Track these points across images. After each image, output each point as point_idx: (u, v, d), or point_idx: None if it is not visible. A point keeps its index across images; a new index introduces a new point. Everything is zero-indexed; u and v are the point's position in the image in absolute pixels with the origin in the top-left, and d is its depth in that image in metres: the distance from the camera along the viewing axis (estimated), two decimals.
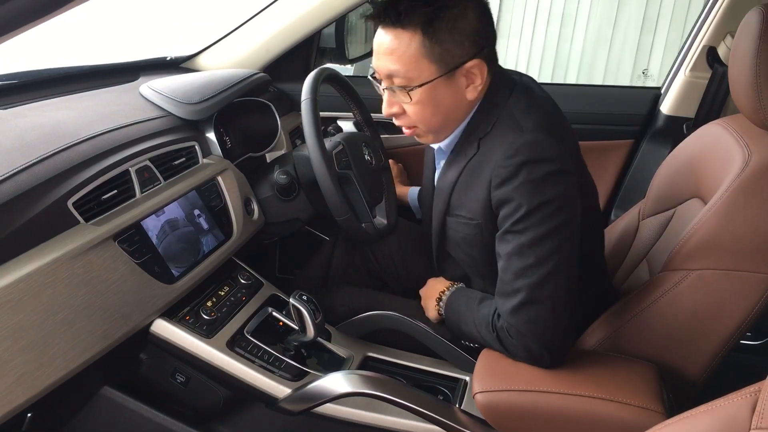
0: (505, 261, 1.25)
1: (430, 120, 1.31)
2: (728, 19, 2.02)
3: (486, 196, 1.27)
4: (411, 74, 1.25)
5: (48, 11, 0.77)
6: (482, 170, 1.29)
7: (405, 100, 1.29)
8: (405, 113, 1.32)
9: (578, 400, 1.19)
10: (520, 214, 1.21)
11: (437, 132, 1.35)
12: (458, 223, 1.37)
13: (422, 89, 1.26)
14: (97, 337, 1.20)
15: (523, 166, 1.21)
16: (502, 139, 1.26)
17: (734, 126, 1.43)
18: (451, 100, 1.30)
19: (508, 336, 1.25)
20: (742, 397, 0.72)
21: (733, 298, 1.27)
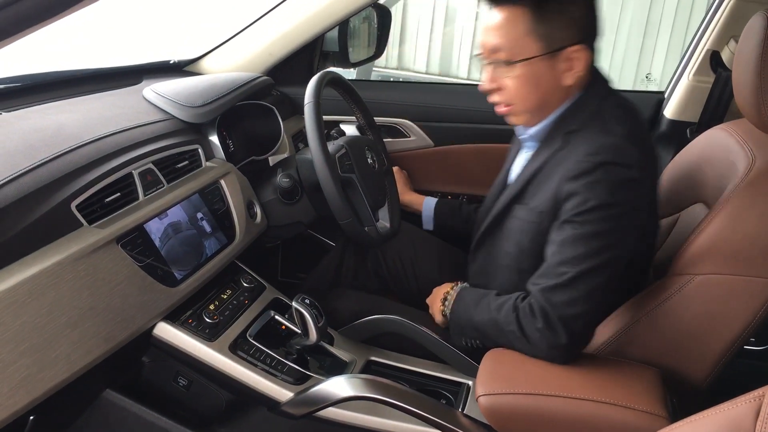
0: (556, 246, 1.27)
1: (526, 98, 1.34)
2: (732, 23, 2.02)
3: (556, 188, 1.30)
4: (515, 50, 1.29)
5: (51, 15, 0.77)
6: (562, 164, 1.31)
7: (506, 75, 1.32)
8: (503, 89, 1.34)
9: (582, 404, 1.19)
10: (584, 208, 1.24)
11: (531, 113, 1.37)
12: (524, 209, 1.39)
13: (523, 65, 1.30)
14: (100, 340, 1.19)
15: (601, 165, 1.24)
16: (589, 138, 1.29)
17: (738, 130, 1.43)
18: (549, 82, 1.33)
19: (529, 314, 1.26)
20: (745, 402, 0.72)
21: (737, 302, 1.27)
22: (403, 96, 2.30)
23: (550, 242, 1.30)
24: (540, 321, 1.25)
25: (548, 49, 1.30)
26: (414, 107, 2.23)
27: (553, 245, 1.29)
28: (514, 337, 1.29)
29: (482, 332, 1.38)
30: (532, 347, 1.28)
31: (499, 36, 1.30)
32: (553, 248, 1.28)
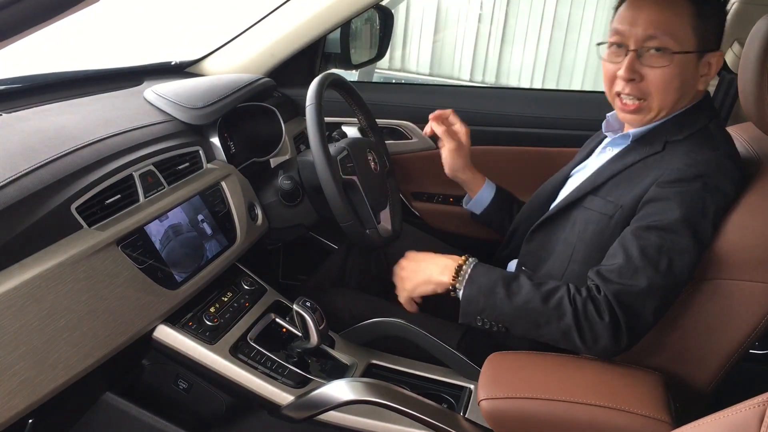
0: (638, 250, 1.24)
1: (666, 94, 1.32)
2: (736, 26, 2.01)
3: (645, 189, 1.29)
4: (675, 40, 1.28)
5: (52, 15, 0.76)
6: (656, 168, 1.31)
7: (655, 65, 1.30)
8: (643, 81, 1.32)
9: (584, 409, 1.18)
10: (675, 217, 1.23)
11: (661, 110, 1.35)
12: (599, 201, 1.38)
13: (681, 57, 1.29)
14: (100, 342, 1.19)
15: (699, 177, 1.24)
16: (693, 149, 1.29)
17: (743, 134, 1.42)
18: (689, 82, 1.33)
19: (594, 311, 1.21)
20: (749, 408, 0.71)
21: (742, 308, 1.26)
22: (405, 98, 2.29)
23: (628, 240, 1.26)
24: (607, 319, 1.21)
25: (702, 48, 1.30)
26: (416, 109, 2.23)
27: (632, 246, 1.25)
28: (561, 332, 1.24)
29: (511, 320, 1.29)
30: (585, 344, 1.23)
31: (659, 24, 1.28)
32: (633, 250, 1.24)
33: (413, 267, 1.43)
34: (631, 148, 1.40)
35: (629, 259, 1.24)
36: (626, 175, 1.37)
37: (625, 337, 1.22)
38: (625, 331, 1.22)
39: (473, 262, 1.36)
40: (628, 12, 1.32)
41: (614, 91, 1.37)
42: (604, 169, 1.42)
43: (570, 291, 1.25)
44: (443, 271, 1.36)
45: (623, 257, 1.25)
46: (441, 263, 1.38)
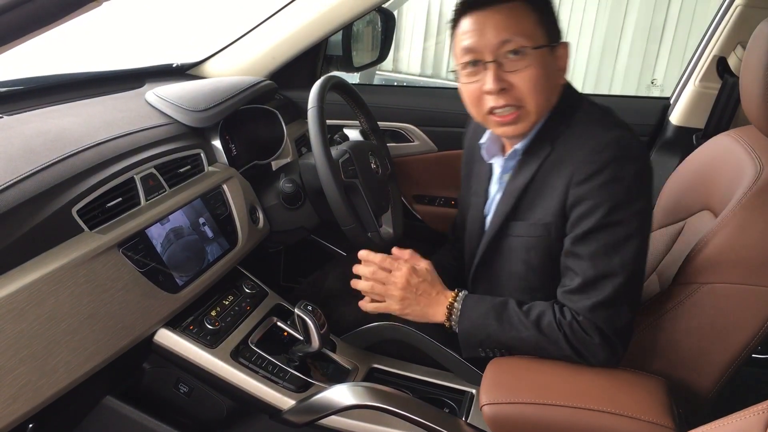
0: (587, 261, 1.24)
1: (537, 94, 1.28)
2: (739, 29, 2.01)
3: (562, 195, 1.27)
4: (529, 36, 1.26)
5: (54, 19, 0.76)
6: (560, 169, 1.28)
7: (517, 67, 1.27)
8: (513, 88, 1.28)
9: (587, 414, 1.18)
10: (607, 212, 1.21)
11: (537, 114, 1.31)
12: (526, 226, 1.35)
13: (537, 54, 1.26)
14: (101, 346, 1.19)
15: (611, 162, 1.21)
16: (586, 136, 1.27)
17: (745, 137, 1.42)
18: (551, 78, 1.31)
19: (582, 333, 1.24)
20: (754, 414, 0.71)
21: (745, 312, 1.26)
22: (407, 100, 2.29)
23: (575, 256, 1.26)
24: (596, 338, 1.23)
25: (551, 41, 1.29)
26: (418, 112, 2.23)
27: (581, 260, 1.25)
28: (562, 354, 1.27)
29: (511, 348, 1.32)
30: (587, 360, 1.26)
31: (508, 29, 1.26)
32: (584, 263, 1.25)
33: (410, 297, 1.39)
34: (522, 163, 1.37)
35: (584, 273, 1.25)
36: (534, 190, 1.34)
37: (619, 344, 1.25)
38: (616, 339, 1.24)
39: (463, 296, 1.37)
40: (472, 26, 1.29)
41: (485, 111, 1.32)
42: (509, 192, 1.38)
43: (555, 314, 1.27)
44: (437, 310, 1.38)
45: (578, 274, 1.26)
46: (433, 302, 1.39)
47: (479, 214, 1.51)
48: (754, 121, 1.34)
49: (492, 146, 1.45)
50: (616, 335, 1.23)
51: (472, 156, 1.61)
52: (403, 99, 2.31)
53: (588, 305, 1.23)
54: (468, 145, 1.65)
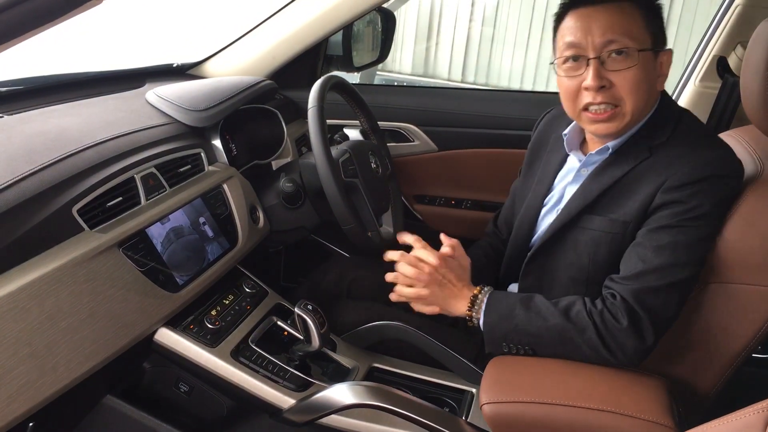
0: (652, 252, 1.24)
1: (636, 95, 1.29)
2: (739, 29, 2.01)
3: (649, 197, 1.28)
4: (635, 38, 1.27)
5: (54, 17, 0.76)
6: (653, 175, 1.29)
7: (621, 66, 1.27)
8: (613, 86, 1.29)
9: (587, 413, 1.18)
10: (687, 216, 1.23)
11: (634, 114, 1.31)
12: (601, 220, 1.35)
13: (642, 56, 1.27)
14: (101, 345, 1.19)
15: (709, 178, 1.23)
16: (688, 150, 1.28)
17: (745, 137, 1.42)
18: (651, 83, 1.31)
19: (612, 319, 1.23)
20: (754, 413, 0.71)
21: (746, 311, 1.26)
22: (407, 100, 2.29)
23: (640, 246, 1.27)
24: (624, 321, 1.22)
25: (656, 46, 1.30)
26: (418, 111, 2.22)
27: (645, 249, 1.26)
28: (589, 347, 1.26)
29: (538, 340, 1.31)
30: (614, 355, 1.24)
31: (615, 27, 1.26)
32: (647, 253, 1.25)
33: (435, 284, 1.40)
34: (611, 161, 1.37)
35: (645, 261, 1.25)
36: (619, 188, 1.34)
37: (651, 334, 1.23)
38: (649, 328, 1.23)
39: (489, 290, 1.37)
40: (578, 23, 1.30)
41: (580, 106, 1.33)
42: (591, 185, 1.38)
43: (586, 304, 1.27)
44: (459, 302, 1.38)
45: (638, 261, 1.26)
46: (457, 294, 1.39)
47: (538, 202, 1.53)
48: (754, 121, 1.34)
49: (573, 140, 1.46)
50: (652, 325, 1.22)
51: (541, 145, 1.61)
52: (404, 99, 2.31)
53: (636, 289, 1.23)
54: (539, 134, 1.65)
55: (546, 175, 1.53)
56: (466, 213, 2.23)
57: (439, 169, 2.24)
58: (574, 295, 1.31)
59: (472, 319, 1.36)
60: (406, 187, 2.26)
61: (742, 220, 1.26)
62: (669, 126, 1.33)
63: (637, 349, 1.24)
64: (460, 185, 2.23)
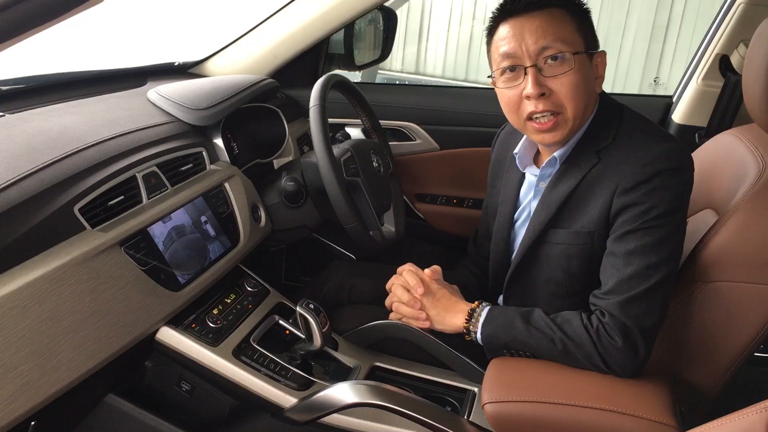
0: (622, 259, 1.25)
1: (576, 100, 1.29)
2: (741, 27, 2.00)
3: (606, 203, 1.28)
4: (568, 42, 1.27)
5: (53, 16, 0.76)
6: (605, 179, 1.29)
7: (558, 72, 1.27)
8: (553, 93, 1.29)
9: (589, 413, 1.18)
10: (649, 216, 1.23)
11: (575, 120, 1.31)
12: (566, 234, 1.36)
13: (577, 59, 1.27)
14: (102, 344, 1.18)
15: (660, 173, 1.23)
16: (635, 148, 1.28)
17: (748, 136, 1.42)
18: (589, 86, 1.31)
19: (607, 337, 1.24)
20: (756, 412, 0.71)
21: (747, 310, 1.26)
22: (409, 99, 2.29)
23: (612, 255, 1.28)
24: (619, 340, 1.23)
25: (589, 48, 1.31)
26: (420, 110, 2.22)
27: (617, 258, 1.26)
28: (590, 362, 1.26)
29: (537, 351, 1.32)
30: (612, 370, 1.25)
31: (547, 35, 1.27)
32: (619, 261, 1.26)
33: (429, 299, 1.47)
34: (563, 171, 1.37)
35: (619, 270, 1.25)
36: (576, 198, 1.34)
37: (643, 344, 1.23)
38: (641, 339, 1.23)
39: (487, 305, 1.40)
40: (510, 32, 1.30)
41: (524, 117, 1.32)
42: (548, 198, 1.38)
43: (583, 320, 1.28)
44: (456, 315, 1.42)
45: (614, 271, 1.26)
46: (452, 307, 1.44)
47: (506, 221, 1.53)
48: (756, 119, 1.34)
49: (525, 156, 1.46)
50: (642, 334, 1.23)
51: (500, 165, 1.62)
52: (405, 97, 2.31)
53: (620, 301, 1.24)
54: (496, 153, 1.66)
55: (509, 194, 1.54)
56: (467, 212, 2.23)
57: (441, 168, 2.24)
58: (571, 311, 1.31)
59: (469, 332, 1.39)
60: (408, 185, 2.26)
61: (745, 219, 1.26)
62: (612, 126, 1.34)
63: (634, 364, 1.24)
64: (461, 184, 2.23)
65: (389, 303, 1.51)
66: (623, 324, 1.23)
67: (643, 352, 1.23)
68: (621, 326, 1.23)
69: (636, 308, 1.23)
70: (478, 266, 1.74)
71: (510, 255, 1.53)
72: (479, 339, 1.37)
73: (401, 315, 1.49)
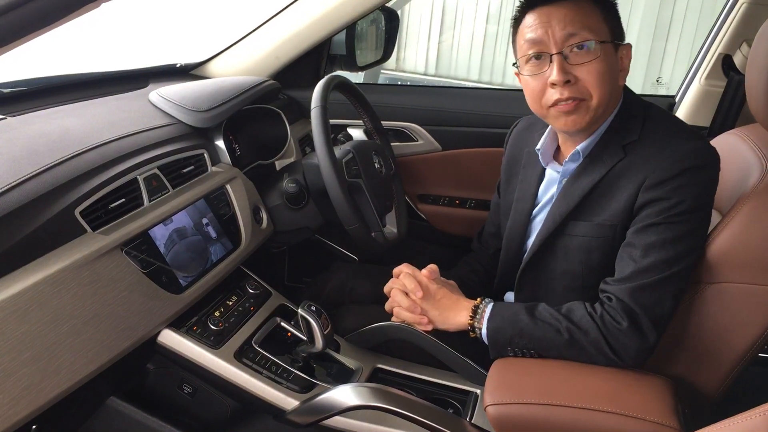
0: (641, 251, 1.26)
1: (601, 88, 1.29)
2: (744, 26, 2.00)
3: (631, 197, 1.29)
4: (594, 30, 1.28)
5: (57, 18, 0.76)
6: (632, 174, 1.29)
7: (583, 60, 1.28)
8: (578, 81, 1.29)
9: (592, 415, 1.17)
10: (673, 211, 1.24)
11: (598, 108, 1.31)
12: (588, 226, 1.36)
13: (603, 48, 1.28)
14: (104, 347, 1.18)
15: (688, 170, 1.24)
16: (663, 145, 1.28)
17: (751, 136, 1.41)
18: (614, 77, 1.32)
19: (612, 321, 1.24)
20: (760, 414, 0.70)
21: (751, 311, 1.25)
22: (411, 99, 2.29)
23: (630, 246, 1.28)
24: (624, 322, 1.23)
25: (615, 38, 1.31)
26: (422, 111, 2.22)
27: (635, 249, 1.27)
28: (595, 346, 1.26)
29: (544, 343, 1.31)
30: (619, 356, 1.25)
31: (574, 21, 1.28)
32: (637, 252, 1.26)
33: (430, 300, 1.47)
34: (586, 165, 1.37)
35: (636, 261, 1.26)
36: (600, 192, 1.34)
37: (652, 331, 1.24)
38: (649, 325, 1.23)
39: (490, 301, 1.40)
40: (536, 20, 1.31)
41: (548, 104, 1.32)
42: (571, 191, 1.38)
43: (587, 308, 1.28)
44: (459, 313, 1.42)
45: (630, 261, 1.27)
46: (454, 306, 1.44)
47: (523, 218, 1.53)
48: (759, 119, 1.34)
49: (546, 152, 1.47)
50: (651, 320, 1.23)
51: (515, 161, 1.61)
52: (407, 98, 2.31)
53: (630, 287, 1.24)
54: (510, 150, 1.66)
55: (527, 191, 1.54)
56: (470, 212, 2.22)
57: (443, 169, 2.24)
58: (574, 302, 1.32)
59: (474, 329, 1.39)
60: (410, 186, 2.26)
61: (748, 219, 1.25)
62: (638, 122, 1.34)
63: (640, 348, 1.24)
64: (464, 185, 2.23)
65: (389, 308, 1.52)
66: (629, 308, 1.24)
67: (651, 338, 1.24)
68: (626, 309, 1.24)
69: (646, 297, 1.24)
70: (480, 263, 1.74)
71: (524, 251, 1.53)
72: (484, 335, 1.37)
73: (402, 320, 1.49)
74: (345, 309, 1.70)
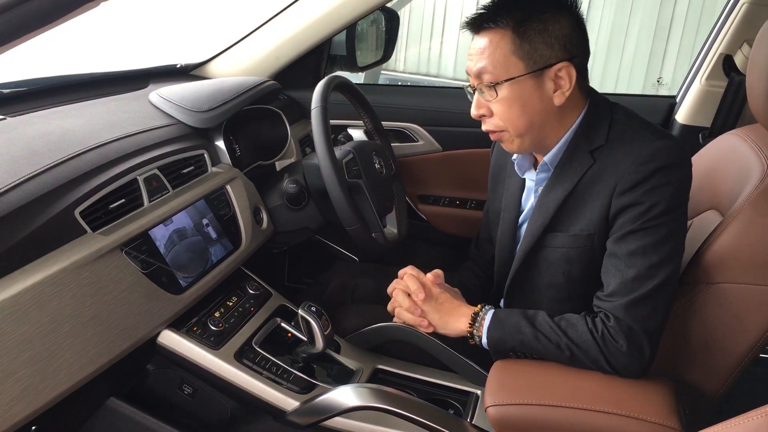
0: (624, 260, 1.25)
1: (516, 121, 1.30)
2: (745, 27, 2.00)
3: (605, 205, 1.28)
4: (499, 70, 1.27)
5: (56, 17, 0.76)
6: (602, 180, 1.29)
7: (491, 98, 1.30)
8: (492, 115, 1.32)
9: (593, 416, 1.17)
10: (650, 215, 1.22)
11: (523, 137, 1.33)
12: (565, 237, 1.35)
13: (509, 85, 1.28)
14: (104, 348, 1.18)
15: (657, 171, 1.22)
16: (630, 148, 1.27)
17: (752, 136, 1.41)
18: (537, 103, 1.30)
19: (612, 340, 1.23)
20: (761, 415, 0.70)
21: (752, 312, 1.25)
22: (411, 100, 2.29)
23: (613, 256, 1.27)
24: (624, 343, 1.22)
25: (532, 69, 1.27)
26: (422, 111, 2.22)
27: (618, 259, 1.26)
28: (595, 364, 1.26)
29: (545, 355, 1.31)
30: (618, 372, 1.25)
31: (483, 59, 1.28)
32: (620, 262, 1.25)
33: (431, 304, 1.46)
34: (557, 175, 1.37)
35: (622, 271, 1.25)
36: (573, 201, 1.34)
37: (647, 346, 1.23)
38: (646, 341, 1.23)
39: (490, 308, 1.39)
40: (470, 50, 1.33)
41: None
42: (546, 203, 1.38)
43: (588, 324, 1.27)
44: (459, 319, 1.41)
45: (616, 272, 1.26)
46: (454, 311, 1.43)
47: (511, 227, 1.53)
48: (760, 120, 1.34)
49: (524, 161, 1.46)
50: (647, 336, 1.23)
51: (500, 169, 1.62)
52: (408, 99, 2.31)
53: (623, 303, 1.23)
54: (495, 160, 1.66)
55: (511, 200, 1.54)
56: (470, 213, 2.22)
57: (444, 169, 2.24)
58: (574, 315, 1.31)
59: (473, 336, 1.39)
60: (411, 187, 2.25)
61: (748, 219, 1.25)
62: (603, 126, 1.32)
63: (640, 366, 1.24)
64: (464, 185, 2.23)
65: (391, 308, 1.51)
66: (628, 327, 1.22)
67: (648, 353, 1.23)
68: (626, 329, 1.22)
69: (641, 310, 1.22)
70: (481, 268, 1.74)
71: (513, 260, 1.53)
72: (484, 342, 1.37)
73: (403, 321, 1.48)
74: (345, 309, 1.70)
